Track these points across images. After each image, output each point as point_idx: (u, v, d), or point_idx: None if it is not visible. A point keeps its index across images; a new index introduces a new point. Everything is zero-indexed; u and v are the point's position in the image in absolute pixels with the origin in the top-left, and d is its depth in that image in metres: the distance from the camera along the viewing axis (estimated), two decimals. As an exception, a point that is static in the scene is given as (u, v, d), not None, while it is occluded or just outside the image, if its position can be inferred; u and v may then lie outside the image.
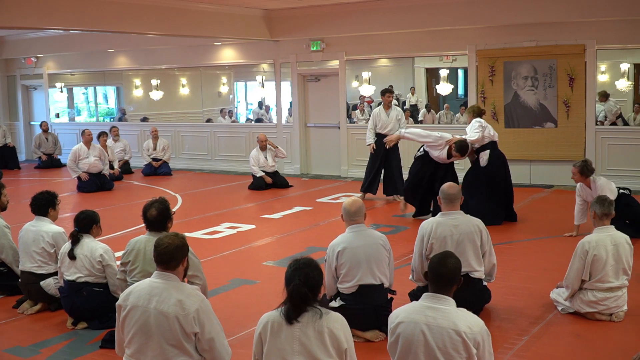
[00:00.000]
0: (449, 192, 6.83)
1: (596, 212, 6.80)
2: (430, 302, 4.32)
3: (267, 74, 18.76)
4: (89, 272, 6.90)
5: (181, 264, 4.77)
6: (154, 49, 19.00)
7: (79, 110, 23.76)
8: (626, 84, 15.92)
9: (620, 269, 6.66)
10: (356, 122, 17.86)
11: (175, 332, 4.52)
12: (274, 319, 4.25)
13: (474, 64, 15.00)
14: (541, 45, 14.23)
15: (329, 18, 15.72)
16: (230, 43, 18.05)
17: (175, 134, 19.44)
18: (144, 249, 6.13)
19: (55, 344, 6.56)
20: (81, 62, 20.96)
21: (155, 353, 4.56)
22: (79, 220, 7.10)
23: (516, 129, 14.60)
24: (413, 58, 18.40)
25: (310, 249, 9.73)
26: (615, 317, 6.67)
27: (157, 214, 6.19)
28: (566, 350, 6.10)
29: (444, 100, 19.31)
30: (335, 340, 4.18)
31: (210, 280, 6.87)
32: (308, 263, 4.30)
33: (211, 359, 4.65)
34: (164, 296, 4.59)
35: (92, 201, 13.88)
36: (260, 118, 20.08)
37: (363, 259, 6.27)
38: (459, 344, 4.16)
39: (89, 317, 6.92)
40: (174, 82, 21.22)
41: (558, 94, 14.11)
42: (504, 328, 6.61)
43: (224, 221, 11.91)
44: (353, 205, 6.45)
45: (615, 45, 14.03)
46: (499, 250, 7.96)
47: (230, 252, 9.87)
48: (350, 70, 17.64)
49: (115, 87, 23.24)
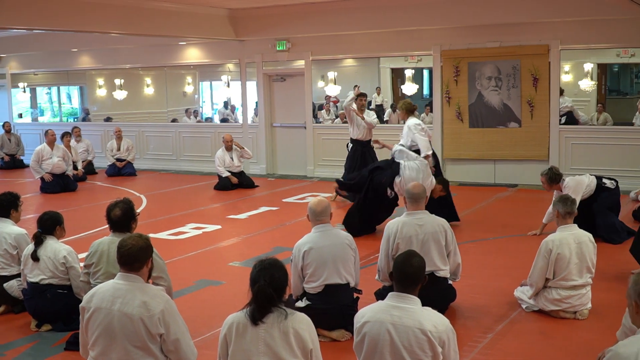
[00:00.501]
0: (413, 192, 6.86)
1: (559, 211, 6.86)
2: (395, 302, 4.33)
3: (233, 73, 18.72)
4: (52, 274, 6.83)
5: (145, 265, 4.73)
6: (118, 48, 18.85)
7: (42, 110, 23.52)
8: (589, 83, 16.10)
9: (584, 267, 6.72)
10: (322, 122, 17.90)
11: (140, 333, 4.49)
12: (239, 320, 4.23)
13: (438, 64, 15.07)
14: (505, 45, 14.33)
15: (295, 18, 15.71)
16: (195, 43, 17.97)
17: (140, 134, 19.32)
18: (107, 251, 6.07)
19: (19, 346, 6.49)
20: (44, 61, 20.74)
21: (120, 355, 4.52)
22: (42, 221, 7.03)
23: (480, 129, 14.70)
24: (379, 58, 18.49)
25: (276, 249, 9.72)
26: (580, 315, 6.73)
27: (121, 214, 6.14)
28: (531, 347, 6.15)
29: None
30: (300, 340, 4.17)
31: (175, 281, 6.83)
32: (273, 263, 4.28)
33: (177, 359, 4.64)
34: (128, 298, 4.55)
35: (55, 202, 13.73)
36: (225, 118, 20.03)
37: (329, 258, 6.27)
38: (425, 342, 4.18)
39: (53, 319, 6.85)
40: (138, 82, 21.10)
41: (522, 94, 14.22)
42: (468, 326, 6.65)
43: (190, 222, 11.85)
44: (319, 205, 6.47)
45: (578, 46, 14.18)
46: (463, 249, 8.01)
47: (196, 252, 9.83)
48: (316, 70, 17.66)
49: (78, 87, 23.04)
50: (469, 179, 15.00)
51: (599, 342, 6.03)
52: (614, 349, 3.68)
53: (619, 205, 10.16)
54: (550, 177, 9.70)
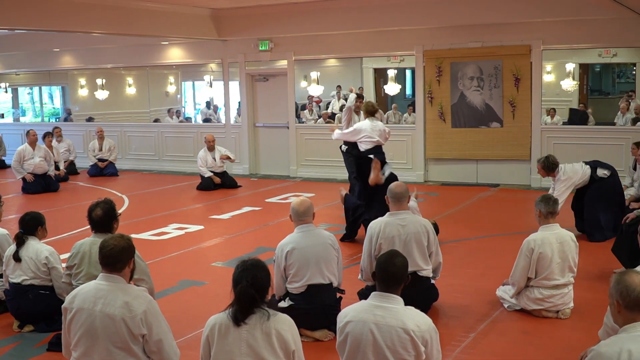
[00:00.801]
0: (396, 192, 6.87)
1: (541, 210, 6.88)
2: (378, 301, 4.34)
3: (215, 73, 18.69)
4: (34, 275, 6.80)
5: (127, 266, 4.72)
6: (100, 48, 18.77)
7: (24, 110, 23.41)
8: (571, 83, 16.19)
9: (566, 266, 6.75)
10: (305, 122, 17.89)
11: (122, 334, 4.48)
12: (221, 321, 4.22)
13: (421, 65, 15.10)
14: (487, 46, 14.38)
15: (278, 18, 15.70)
16: (178, 42, 17.92)
17: (122, 134, 19.24)
18: (89, 252, 6.05)
19: (1, 347, 6.46)
20: (26, 61, 20.62)
21: (102, 355, 4.51)
22: (24, 222, 6.99)
23: (463, 129, 14.73)
24: (361, 58, 18.54)
25: (259, 249, 9.71)
26: (562, 314, 6.76)
27: (102, 213, 6.12)
28: (513, 347, 6.17)
29: (392, 100, 19.47)
30: (283, 341, 4.17)
31: (158, 281, 6.82)
32: (255, 264, 4.28)
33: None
34: (110, 298, 4.54)
35: (37, 202, 13.66)
36: (208, 118, 19.99)
37: (312, 258, 6.28)
38: (407, 342, 4.19)
39: (35, 320, 6.82)
40: (120, 82, 21.03)
41: (504, 94, 14.27)
42: (451, 325, 6.67)
43: (172, 222, 11.82)
44: (301, 205, 6.47)
45: (560, 46, 14.25)
46: (445, 248, 8.04)
47: (179, 253, 9.80)
48: (299, 70, 17.66)
49: (60, 87, 22.96)
50: (451, 179, 15.05)
51: (581, 341, 6.06)
52: (596, 348, 3.71)
53: (617, 195, 10.06)
54: (545, 165, 9.76)
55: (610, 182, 9.98)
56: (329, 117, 18.39)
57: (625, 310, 3.76)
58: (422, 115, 15.21)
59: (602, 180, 9.90)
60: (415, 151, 15.34)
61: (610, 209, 9.89)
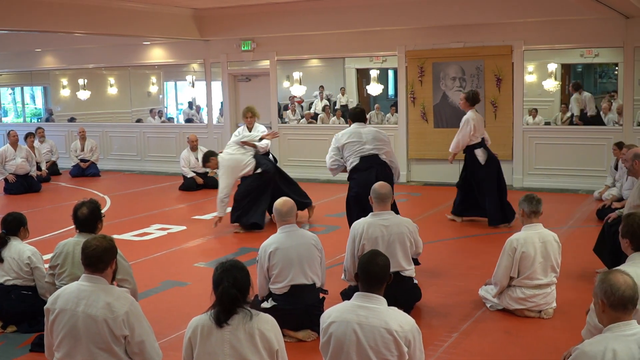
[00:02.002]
0: (380, 192, 6.87)
1: (524, 210, 6.89)
2: (361, 302, 4.35)
3: (198, 73, 18.65)
4: (17, 275, 6.78)
5: (109, 267, 4.72)
6: (82, 48, 18.68)
7: (5, 111, 23.27)
8: (553, 84, 16.23)
9: (549, 266, 6.77)
10: (288, 122, 17.87)
11: (104, 335, 4.47)
12: (203, 322, 4.22)
13: (403, 65, 15.13)
14: (468, 46, 14.42)
15: (260, 18, 15.68)
16: (160, 42, 17.87)
17: (104, 135, 19.16)
18: (72, 252, 6.03)
19: (-17, 349, 6.43)
20: (8, 62, 20.51)
21: (85, 357, 4.50)
22: (6, 222, 6.97)
23: (445, 129, 14.73)
24: (344, 58, 18.54)
25: (242, 250, 9.70)
26: (545, 314, 6.78)
27: (88, 212, 6.12)
28: (496, 346, 6.19)
29: (374, 101, 19.47)
30: (266, 341, 4.17)
31: (141, 282, 6.80)
32: (234, 265, 4.28)
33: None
34: (92, 299, 4.54)
35: (19, 203, 13.60)
36: (190, 118, 19.94)
37: (295, 259, 6.28)
38: (391, 342, 4.20)
39: (18, 321, 6.80)
40: (102, 82, 20.92)
41: (485, 95, 14.30)
42: (433, 325, 6.68)
43: (154, 222, 11.79)
44: (284, 205, 6.48)
45: (542, 46, 14.31)
46: (428, 248, 8.06)
47: (161, 253, 9.78)
48: (281, 70, 17.64)
49: (42, 87, 22.84)
50: (433, 179, 15.07)
51: (564, 340, 6.09)
52: (580, 347, 3.73)
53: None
54: (468, 97, 10.56)
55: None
56: (312, 117, 18.38)
57: (610, 309, 3.79)
58: (405, 115, 15.24)
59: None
60: (397, 151, 15.30)
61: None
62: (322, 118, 18.23)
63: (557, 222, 10.55)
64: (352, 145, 8.77)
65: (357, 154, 8.74)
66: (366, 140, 8.76)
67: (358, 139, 8.77)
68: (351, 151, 8.76)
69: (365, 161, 8.69)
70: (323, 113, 18.56)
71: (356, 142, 8.76)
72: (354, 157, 8.75)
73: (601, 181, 12.91)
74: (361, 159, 8.70)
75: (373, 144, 8.76)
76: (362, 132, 8.84)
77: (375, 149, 8.75)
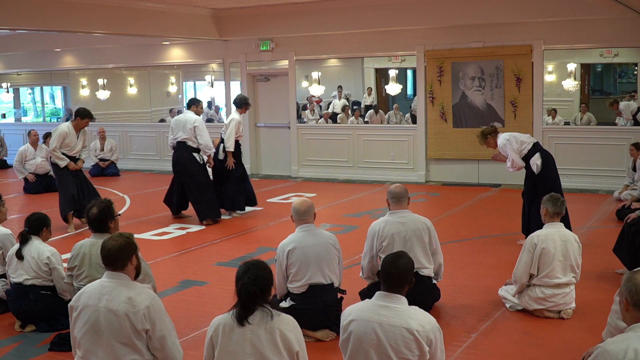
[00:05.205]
0: (396, 192, 6.89)
1: (548, 210, 6.89)
2: (382, 301, 4.36)
3: (217, 73, 18.68)
4: (35, 274, 6.81)
5: (129, 263, 4.73)
6: (101, 48, 18.79)
7: (25, 110, 23.41)
8: (573, 83, 16.16)
9: (568, 265, 6.74)
10: (306, 122, 17.87)
11: (126, 329, 4.49)
12: (225, 321, 4.23)
13: (422, 65, 15.10)
14: (488, 46, 14.37)
15: (278, 18, 15.70)
16: (179, 42, 17.92)
17: (123, 134, 19.25)
18: (89, 254, 6.07)
19: (3, 347, 6.46)
20: (28, 61, 20.64)
21: (107, 351, 4.51)
22: (30, 221, 7.01)
23: (464, 129, 14.72)
24: (362, 58, 18.52)
25: (260, 249, 9.71)
26: (564, 314, 6.75)
27: (97, 212, 6.13)
28: (515, 347, 6.17)
29: (393, 101, 19.43)
30: (286, 341, 4.17)
31: (159, 281, 6.82)
32: (257, 264, 4.30)
33: (163, 357, 4.63)
34: (113, 294, 4.56)
35: (39, 202, 13.68)
36: (210, 118, 19.96)
37: (313, 258, 6.29)
38: (412, 342, 4.20)
39: (36, 320, 6.83)
40: (122, 82, 21.01)
41: (505, 94, 14.26)
42: (452, 325, 6.66)
43: (173, 222, 11.83)
44: (302, 204, 6.48)
45: (562, 46, 14.23)
46: (447, 248, 8.04)
47: (180, 253, 9.81)
48: (300, 70, 17.65)
49: (62, 87, 22.95)
50: (452, 179, 15.05)
51: (583, 341, 6.06)
52: (603, 345, 3.70)
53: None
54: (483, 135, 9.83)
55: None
56: (330, 117, 18.38)
57: (633, 308, 3.75)
58: (424, 115, 15.21)
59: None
60: (416, 151, 15.35)
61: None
62: (342, 118, 18.21)
63: (577, 223, 10.49)
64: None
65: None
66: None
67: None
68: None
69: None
70: (342, 113, 18.53)
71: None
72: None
73: (621, 181, 12.86)
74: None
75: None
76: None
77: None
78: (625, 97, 16.50)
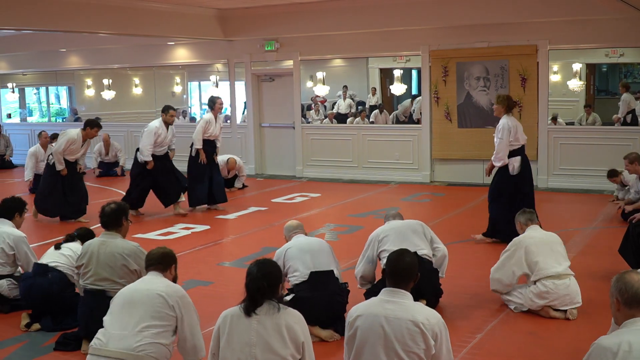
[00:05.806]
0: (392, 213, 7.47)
1: (521, 221, 7.23)
2: (388, 297, 4.44)
3: (221, 73, 18.69)
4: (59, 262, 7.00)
5: (169, 271, 5.26)
6: (107, 48, 18.79)
7: (31, 110, 23.46)
8: (578, 84, 16.14)
9: (557, 252, 6.90)
10: (311, 122, 17.89)
11: (157, 306, 4.86)
12: (233, 312, 4.40)
13: (427, 65, 15.09)
14: (493, 46, 14.36)
15: (283, 18, 15.70)
16: (184, 43, 17.93)
17: (128, 134, 19.26)
18: (97, 252, 6.11)
19: (8, 346, 6.47)
20: (33, 61, 20.65)
21: (136, 320, 4.81)
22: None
23: (469, 129, 14.72)
24: (367, 58, 18.52)
25: (265, 250, 9.71)
26: (570, 314, 6.74)
27: (115, 207, 6.36)
28: (520, 347, 6.16)
29: (398, 100, 19.43)
30: (292, 332, 4.31)
31: (164, 281, 6.81)
32: (268, 262, 4.53)
33: (192, 346, 4.99)
34: (153, 282, 5.07)
35: (43, 202, 13.67)
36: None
37: (308, 250, 6.52)
38: (417, 334, 4.26)
39: (41, 307, 6.84)
40: (127, 82, 21.04)
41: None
42: (457, 326, 6.66)
43: (178, 222, 11.84)
44: (293, 222, 7.03)
45: (567, 46, 14.21)
46: (452, 248, 8.03)
47: (185, 253, 9.80)
48: (305, 70, 17.66)
49: (67, 87, 23.00)
50: (457, 179, 15.04)
51: (588, 342, 5.99)
52: (597, 342, 3.81)
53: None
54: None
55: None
56: (335, 117, 18.38)
57: (624, 307, 3.86)
58: (429, 115, 15.20)
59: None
60: (421, 151, 15.34)
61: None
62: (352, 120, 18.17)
63: (582, 223, 10.49)
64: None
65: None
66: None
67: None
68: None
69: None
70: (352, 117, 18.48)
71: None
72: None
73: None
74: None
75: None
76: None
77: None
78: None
